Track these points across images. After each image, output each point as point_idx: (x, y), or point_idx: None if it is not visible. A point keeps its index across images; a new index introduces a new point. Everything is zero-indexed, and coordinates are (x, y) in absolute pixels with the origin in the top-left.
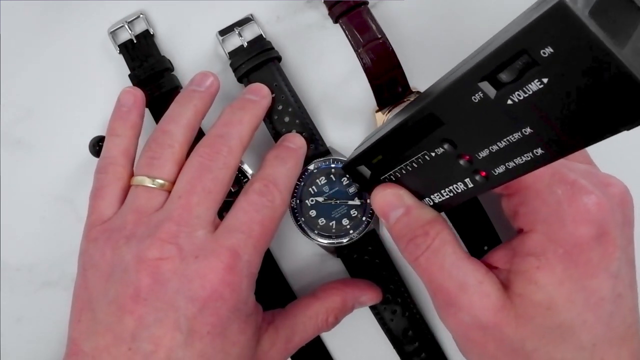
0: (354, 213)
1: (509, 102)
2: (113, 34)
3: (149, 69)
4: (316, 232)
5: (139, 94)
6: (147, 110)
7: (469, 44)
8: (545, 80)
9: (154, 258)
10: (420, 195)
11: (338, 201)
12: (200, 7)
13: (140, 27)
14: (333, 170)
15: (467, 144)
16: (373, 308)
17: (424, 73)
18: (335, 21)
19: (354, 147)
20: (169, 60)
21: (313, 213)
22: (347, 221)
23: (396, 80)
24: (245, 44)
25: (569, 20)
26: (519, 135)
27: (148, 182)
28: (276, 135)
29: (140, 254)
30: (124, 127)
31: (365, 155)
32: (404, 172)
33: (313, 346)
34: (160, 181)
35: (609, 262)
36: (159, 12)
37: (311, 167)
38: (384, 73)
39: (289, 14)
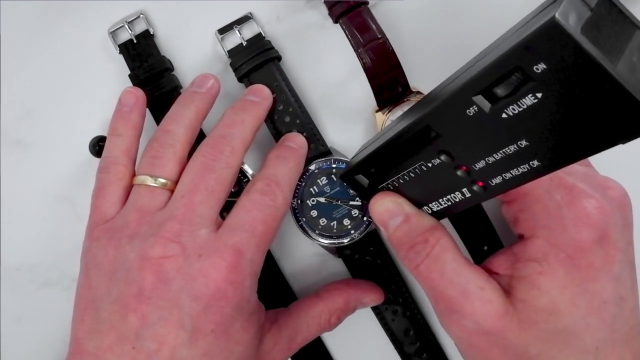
0: (355, 213)
1: (504, 115)
2: (113, 34)
3: (149, 69)
4: (317, 232)
5: (140, 94)
6: (147, 111)
7: (469, 44)
8: (539, 95)
9: (158, 257)
10: (418, 204)
11: (339, 201)
12: (200, 7)
13: (140, 27)
14: (334, 170)
15: (463, 156)
16: (374, 308)
17: (424, 73)
18: (335, 21)
19: (354, 147)
20: (169, 60)
21: (314, 213)
22: (348, 221)
23: (396, 80)
24: (245, 43)
25: (562, 38)
26: (515, 148)
27: (150, 181)
28: (277, 135)
29: (143, 252)
30: (126, 127)
31: (363, 165)
32: (401, 181)
33: (313, 346)
34: (163, 180)
35: (611, 265)
36: (159, 12)
37: (312, 167)
38: (384, 73)
39: (289, 14)
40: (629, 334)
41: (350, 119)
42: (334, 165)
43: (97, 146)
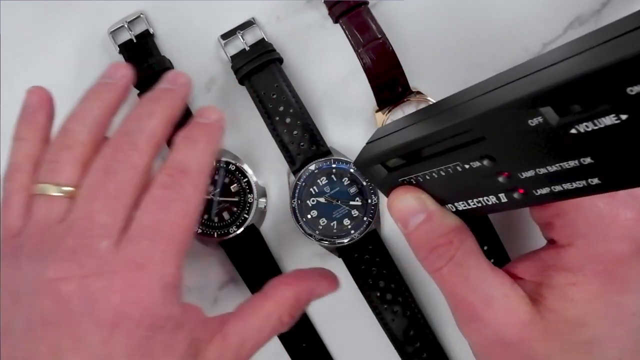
0: (355, 213)
1: (573, 131)
2: (113, 34)
3: (149, 69)
4: (317, 232)
5: (44, 93)
6: None
7: (469, 44)
8: (624, 117)
9: (53, 278)
10: (442, 201)
11: (339, 201)
12: (200, 6)
13: (140, 27)
14: (334, 170)
15: (509, 162)
16: (374, 308)
17: (424, 73)
18: (335, 21)
19: (354, 147)
20: (169, 60)
21: (314, 213)
22: (348, 221)
23: (396, 80)
24: (247, 48)
25: None
26: (575, 163)
27: (50, 190)
28: (277, 136)
29: (39, 274)
30: (29, 130)
31: (384, 156)
32: (427, 177)
33: (313, 346)
34: (63, 187)
35: None
36: (159, 12)
37: (312, 167)
38: (384, 73)
39: (289, 14)
40: None
41: (350, 119)
42: (334, 165)
43: None
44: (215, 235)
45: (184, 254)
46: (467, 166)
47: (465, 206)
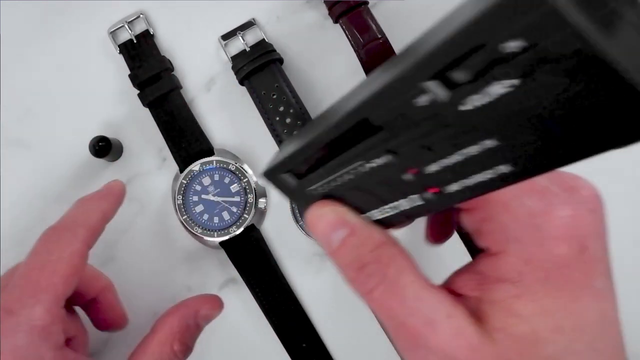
0: None
1: (466, 107)
2: (113, 34)
3: (149, 69)
4: None
5: None
6: (148, 111)
7: None
8: (515, 82)
9: None
10: (358, 212)
11: None
12: (200, 6)
13: (140, 27)
14: None
15: (411, 156)
16: None
17: None
18: (336, 21)
19: None
20: (169, 60)
21: None
22: None
23: None
24: (248, 49)
25: (543, 5)
26: (478, 148)
27: None
28: (277, 137)
29: None
30: None
31: (288, 162)
32: (334, 184)
33: (313, 346)
34: None
35: (592, 280)
36: (159, 12)
37: None
38: None
39: (289, 14)
40: (613, 353)
41: None
42: None
43: (97, 146)
44: (215, 235)
45: (58, 299)
46: (372, 164)
47: (381, 214)
